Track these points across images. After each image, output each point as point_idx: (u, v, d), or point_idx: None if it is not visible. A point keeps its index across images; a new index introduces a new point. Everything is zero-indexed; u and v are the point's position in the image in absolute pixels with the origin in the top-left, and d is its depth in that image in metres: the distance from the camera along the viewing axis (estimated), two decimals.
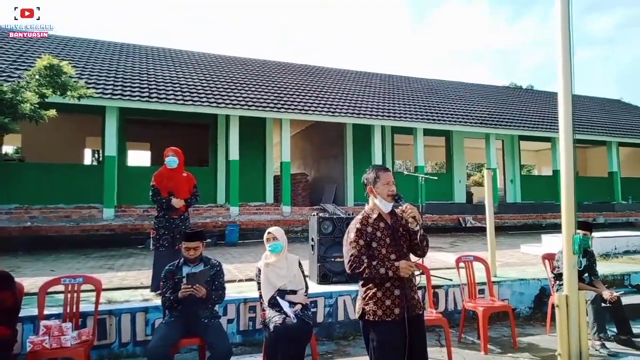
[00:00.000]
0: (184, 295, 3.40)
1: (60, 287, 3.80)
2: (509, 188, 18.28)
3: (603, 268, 6.71)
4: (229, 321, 4.63)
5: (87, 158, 19.62)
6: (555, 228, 13.45)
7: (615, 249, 7.90)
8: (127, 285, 5.72)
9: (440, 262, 7.61)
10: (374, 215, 2.78)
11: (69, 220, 10.67)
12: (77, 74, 11.58)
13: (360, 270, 2.62)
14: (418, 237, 2.76)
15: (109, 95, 10.79)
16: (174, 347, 3.38)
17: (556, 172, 17.20)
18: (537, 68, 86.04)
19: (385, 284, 2.65)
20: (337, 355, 4.50)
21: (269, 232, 4.16)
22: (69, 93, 6.17)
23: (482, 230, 14.51)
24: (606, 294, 4.83)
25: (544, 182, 18.53)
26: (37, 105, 5.90)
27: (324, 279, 5.49)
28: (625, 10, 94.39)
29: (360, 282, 2.75)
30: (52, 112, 5.87)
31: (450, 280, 5.66)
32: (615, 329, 4.91)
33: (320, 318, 4.99)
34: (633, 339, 4.79)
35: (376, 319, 2.62)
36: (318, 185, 17.43)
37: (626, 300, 5.89)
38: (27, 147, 14.99)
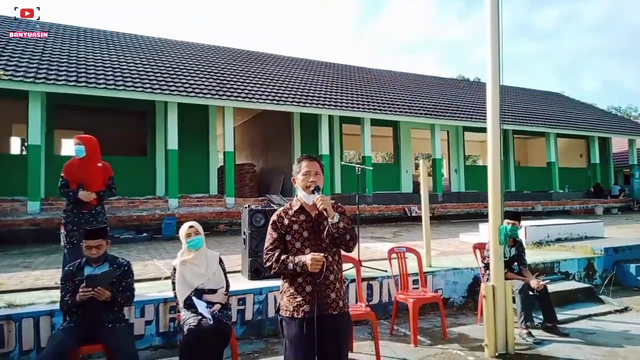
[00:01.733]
0: (81, 299, 3.06)
1: None
2: (454, 178, 18.71)
3: (535, 256, 6.88)
4: (147, 322, 4.31)
5: (17, 146, 18.35)
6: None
7: (548, 236, 8.12)
8: (41, 286, 5.23)
9: (381, 252, 7.55)
10: (296, 207, 2.59)
11: None
12: None
13: (270, 264, 2.48)
14: (338, 230, 2.55)
15: (31, 79, 9.95)
16: (71, 354, 3.04)
17: None
18: (485, 62, 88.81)
19: (298, 279, 2.49)
20: (264, 355, 4.29)
21: (190, 226, 3.88)
22: None
23: None
24: (534, 282, 4.89)
25: (485, 172, 19.04)
26: None
27: (255, 274, 5.25)
28: (568, 5, 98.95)
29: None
30: None
31: (385, 271, 5.57)
32: (542, 317, 4.99)
33: (249, 315, 4.76)
34: (558, 326, 4.89)
35: (288, 314, 2.49)
36: (267, 175, 17.11)
37: (555, 287, 6.06)
38: None
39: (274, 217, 2.58)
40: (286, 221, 2.55)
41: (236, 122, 19.05)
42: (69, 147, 18.67)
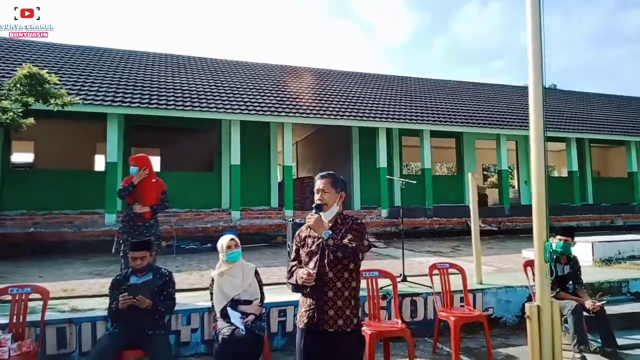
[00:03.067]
0: (122, 306, 3.34)
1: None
2: (523, 190, 17.78)
3: (600, 274, 6.40)
4: (193, 330, 4.55)
5: (101, 164, 20.04)
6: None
7: (619, 253, 7.50)
8: (104, 293, 5.70)
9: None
10: None
11: (71, 226, 10.85)
12: (79, 82, 11.86)
13: (288, 276, 2.69)
14: (328, 247, 2.52)
15: (109, 102, 10.94)
16: (114, 358, 3.31)
17: (571, 173, 16.64)
18: (562, 69, 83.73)
19: (305, 292, 2.63)
20: None
21: (231, 239, 4.06)
22: (52, 101, 6.22)
23: (492, 233, 14.16)
24: (588, 303, 4.57)
25: (559, 183, 17.93)
26: (20, 114, 5.99)
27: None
28: None
29: None
30: (30, 120, 5.94)
31: (430, 287, 5.45)
32: (600, 341, 4.63)
33: (290, 327, 4.86)
34: (618, 351, 4.51)
35: (301, 325, 2.62)
36: None
37: (621, 308, 5.60)
38: (38, 154, 15.37)
39: (298, 231, 2.74)
40: (303, 235, 2.69)
41: (298, 136, 19.53)
42: None
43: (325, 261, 2.55)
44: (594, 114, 19.02)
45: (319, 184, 2.71)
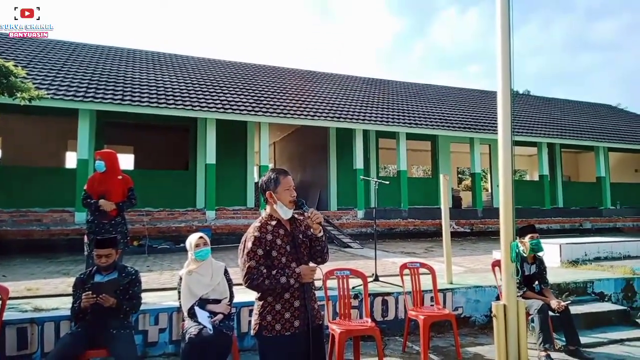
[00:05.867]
0: (84, 305, 3.26)
1: None
2: (496, 193, 18.09)
3: (566, 275, 6.57)
4: (161, 330, 4.48)
5: (72, 161, 19.55)
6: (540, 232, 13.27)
7: (585, 255, 7.70)
8: (70, 292, 5.56)
9: None
10: (273, 222, 2.59)
11: (39, 224, 10.56)
12: (50, 76, 11.55)
13: (259, 282, 2.43)
14: (320, 243, 2.63)
15: (80, 98, 10.68)
16: (76, 358, 3.23)
17: (542, 177, 17.04)
18: (536, 75, 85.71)
19: (284, 296, 2.48)
20: None
21: (200, 237, 4.00)
22: (18, 95, 6.04)
23: (465, 235, 14.40)
24: (554, 303, 4.67)
25: (531, 187, 18.36)
26: None
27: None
28: (631, 15, 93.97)
29: (257, 296, 2.58)
30: None
31: (401, 287, 5.49)
32: (564, 339, 4.74)
33: None
34: (581, 349, 4.62)
35: (274, 333, 2.45)
36: (304, 189, 17.28)
37: (585, 308, 5.76)
38: (6, 150, 14.89)
39: (255, 234, 2.52)
40: (269, 237, 2.52)
41: (276, 137, 19.47)
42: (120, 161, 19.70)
43: (305, 258, 2.59)
44: (564, 120, 19.54)
45: (290, 181, 2.66)
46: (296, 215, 2.70)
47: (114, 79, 12.65)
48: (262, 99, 13.88)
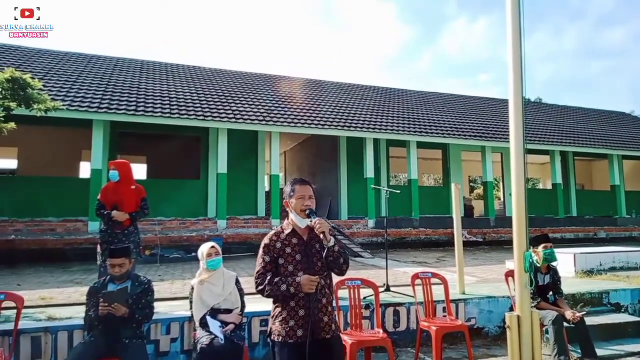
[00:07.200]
0: (102, 313, 3.28)
1: None
2: (508, 201, 17.94)
3: (581, 285, 6.46)
4: (172, 340, 4.48)
5: (86, 171, 19.81)
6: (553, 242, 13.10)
7: (600, 265, 7.59)
8: (84, 301, 5.61)
9: None
10: (288, 230, 2.63)
11: (53, 234, 10.70)
12: (65, 88, 11.77)
13: (262, 287, 2.50)
14: (332, 254, 2.61)
15: (94, 109, 10.86)
16: None
17: (555, 186, 16.86)
18: (547, 82, 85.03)
19: (290, 303, 2.50)
20: None
21: (212, 247, 4.02)
22: (34, 106, 6.16)
23: (477, 244, 14.26)
24: (569, 313, 4.60)
25: (544, 196, 18.17)
26: (2, 118, 5.92)
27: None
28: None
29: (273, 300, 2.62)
30: (12, 125, 5.87)
31: (413, 297, 5.45)
32: (580, 351, 4.66)
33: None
34: None
35: (280, 339, 2.49)
36: (315, 198, 17.26)
37: (601, 319, 5.65)
38: (22, 160, 15.14)
39: (265, 241, 2.61)
40: (278, 245, 2.57)
41: (287, 146, 19.55)
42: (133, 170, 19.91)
43: (316, 268, 2.54)
44: (577, 127, 19.36)
45: (304, 189, 2.66)
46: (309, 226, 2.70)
47: (127, 90, 12.84)
48: (273, 108, 13.98)
